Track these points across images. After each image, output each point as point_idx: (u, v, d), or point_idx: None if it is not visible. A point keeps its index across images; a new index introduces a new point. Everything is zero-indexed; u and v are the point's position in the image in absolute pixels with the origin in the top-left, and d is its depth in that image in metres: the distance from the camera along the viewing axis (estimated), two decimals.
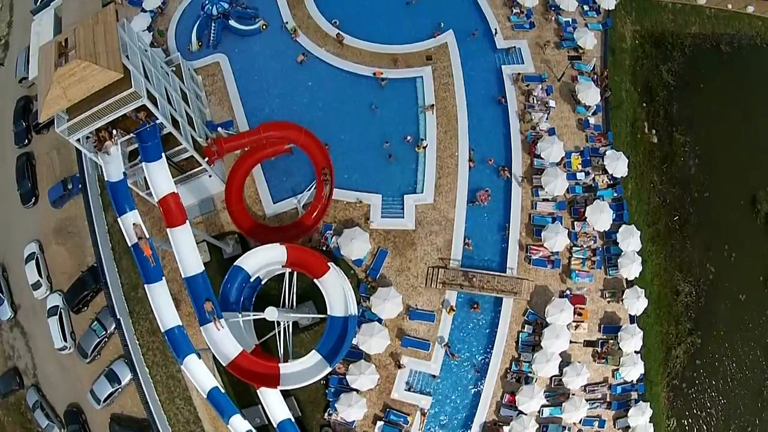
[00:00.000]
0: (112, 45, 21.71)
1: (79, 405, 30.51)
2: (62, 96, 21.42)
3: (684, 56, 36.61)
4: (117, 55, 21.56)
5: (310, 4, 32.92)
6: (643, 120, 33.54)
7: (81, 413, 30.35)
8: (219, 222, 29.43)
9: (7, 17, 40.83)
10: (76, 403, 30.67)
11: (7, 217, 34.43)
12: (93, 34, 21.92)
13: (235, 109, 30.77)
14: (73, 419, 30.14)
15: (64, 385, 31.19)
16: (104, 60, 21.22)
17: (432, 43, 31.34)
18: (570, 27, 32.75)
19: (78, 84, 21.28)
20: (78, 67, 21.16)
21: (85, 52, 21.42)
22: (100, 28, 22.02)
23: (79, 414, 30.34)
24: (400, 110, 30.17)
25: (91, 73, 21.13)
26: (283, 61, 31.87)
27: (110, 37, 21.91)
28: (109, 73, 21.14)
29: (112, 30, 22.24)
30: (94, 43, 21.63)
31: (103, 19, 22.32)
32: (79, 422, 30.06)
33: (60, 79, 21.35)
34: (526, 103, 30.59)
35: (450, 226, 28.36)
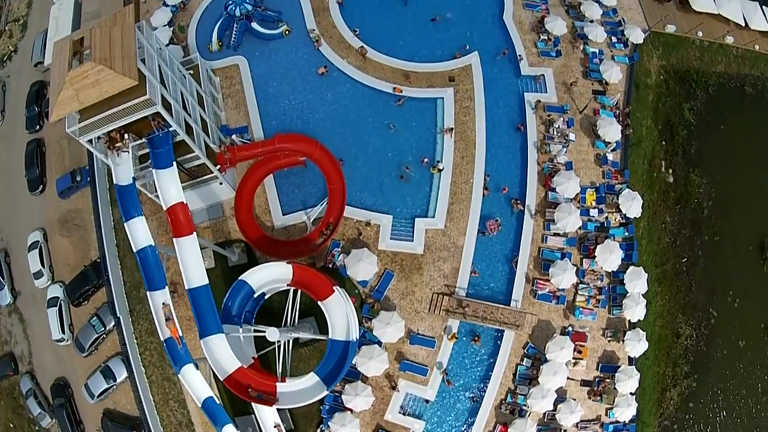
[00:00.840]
0: (129, 50, 20.80)
1: (66, 379, 30.08)
2: (74, 98, 20.63)
3: (707, 95, 35.68)
4: (133, 61, 20.69)
5: (335, 12, 31.93)
6: (660, 158, 32.73)
7: (68, 387, 30.00)
8: (226, 228, 28.76)
9: None
10: (63, 377, 30.28)
11: (14, 201, 33.75)
12: (110, 36, 21.01)
13: (251, 114, 29.94)
14: (59, 392, 29.87)
15: (60, 375, 30.75)
16: (119, 65, 20.37)
17: (456, 64, 30.45)
18: (596, 58, 31.80)
19: (91, 87, 20.50)
20: (92, 70, 20.36)
21: (100, 54, 20.57)
22: (117, 30, 21.09)
23: (65, 387, 30.02)
24: (419, 130, 29.38)
25: (105, 78, 20.34)
26: (303, 69, 30.98)
27: (127, 41, 20.99)
28: (123, 80, 20.34)
29: (130, 33, 21.30)
30: (110, 46, 20.75)
31: (121, 21, 21.40)
32: (65, 396, 29.71)
33: (73, 81, 20.58)
34: (545, 134, 29.77)
35: (458, 253, 27.74)
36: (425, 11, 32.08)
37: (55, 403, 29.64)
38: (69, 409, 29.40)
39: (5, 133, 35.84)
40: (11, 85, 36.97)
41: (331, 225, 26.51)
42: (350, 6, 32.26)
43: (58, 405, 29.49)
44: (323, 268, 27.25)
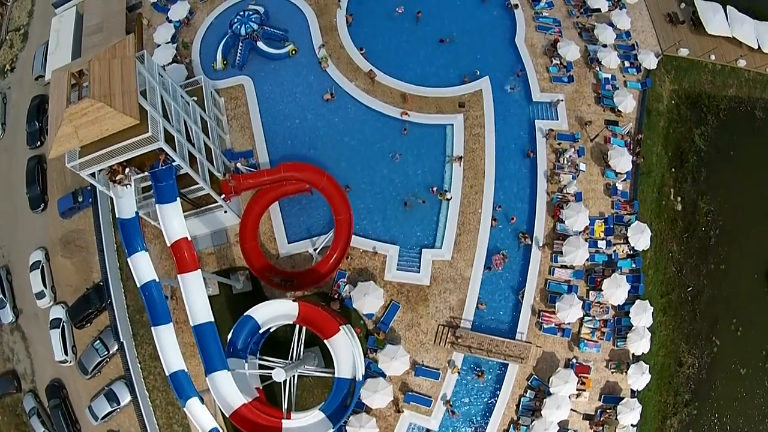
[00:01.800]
0: (129, 85, 19.57)
1: (61, 380, 29.58)
2: (74, 135, 19.53)
3: (718, 120, 34.62)
4: (134, 97, 19.51)
5: (343, 32, 30.63)
6: (670, 186, 31.84)
7: (62, 388, 29.57)
8: (231, 255, 27.94)
9: (28, 5, 38.09)
10: (58, 378, 29.75)
11: (15, 218, 32.78)
12: (109, 70, 19.78)
13: (257, 137, 28.89)
14: (54, 393, 29.42)
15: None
16: (119, 102, 19.20)
17: (466, 89, 29.25)
18: (609, 84, 30.67)
19: (91, 125, 19.41)
20: (91, 107, 19.22)
21: (99, 90, 19.37)
22: (117, 63, 19.84)
23: (60, 389, 29.57)
24: (427, 158, 28.39)
25: (105, 115, 19.19)
26: (310, 91, 29.80)
27: (127, 75, 19.74)
28: (124, 118, 19.24)
29: (130, 67, 20.02)
30: (109, 81, 19.53)
31: (120, 53, 20.10)
32: (60, 397, 29.30)
33: (72, 117, 19.46)
34: (555, 163, 28.79)
35: (465, 285, 27.01)
36: (435, 32, 30.81)
37: (51, 404, 29.17)
38: (64, 409, 28.98)
39: (6, 146, 34.66)
40: (12, 96, 35.67)
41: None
42: (358, 25, 30.99)
43: (54, 406, 29.04)
44: (328, 299, 26.72)
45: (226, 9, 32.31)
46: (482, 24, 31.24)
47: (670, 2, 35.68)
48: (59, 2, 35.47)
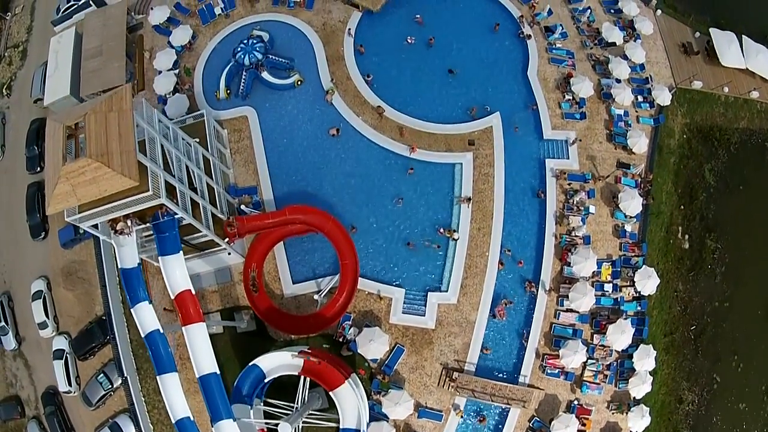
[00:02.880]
0: (128, 143, 18.36)
1: (56, 387, 29.02)
2: (71, 193, 18.46)
3: (729, 154, 33.40)
4: (132, 157, 18.33)
5: (351, 62, 29.11)
6: (678, 224, 30.87)
7: (57, 395, 29.11)
8: (235, 294, 27.04)
9: (27, 21, 36.22)
10: (53, 385, 29.25)
11: (16, 244, 31.71)
12: (106, 125, 18.51)
13: (261, 173, 27.65)
14: (49, 401, 29.04)
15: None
16: (118, 163, 18.05)
17: (476, 126, 27.96)
18: (621, 121, 29.44)
19: (89, 185, 18.33)
20: (88, 166, 18.09)
21: (96, 149, 18.16)
22: (114, 117, 18.54)
23: (55, 395, 29.13)
24: (435, 197, 27.27)
25: (103, 176, 18.09)
26: (316, 124, 28.44)
27: (125, 132, 18.48)
28: (123, 180, 18.14)
29: (128, 122, 18.70)
30: (106, 138, 18.31)
31: (117, 105, 18.77)
32: (55, 404, 28.94)
33: (68, 176, 18.32)
34: (565, 203, 27.76)
35: (470, 329, 26.25)
36: (445, 62, 29.32)
37: (46, 411, 28.77)
38: (60, 416, 28.64)
39: (6, 168, 33.35)
40: (11, 117, 34.19)
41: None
42: (366, 54, 29.47)
43: (49, 413, 28.64)
44: (333, 342, 26.02)
45: (230, 34, 30.71)
46: (494, 54, 29.79)
47: (685, 32, 34.20)
48: (58, 20, 33.73)
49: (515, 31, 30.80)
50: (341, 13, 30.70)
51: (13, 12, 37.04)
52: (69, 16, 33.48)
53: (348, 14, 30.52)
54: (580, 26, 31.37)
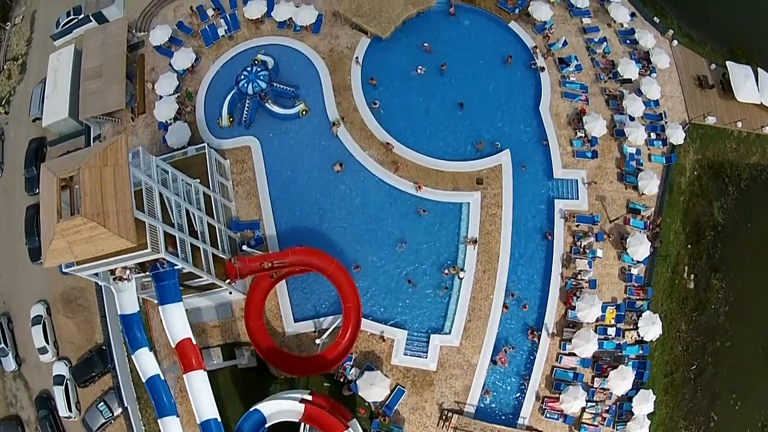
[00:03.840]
0: (124, 202, 17.23)
1: (49, 392, 28.61)
2: (68, 250, 17.43)
3: (739, 191, 32.22)
4: (129, 217, 17.24)
5: (358, 93, 27.66)
6: (684, 264, 29.87)
7: (50, 399, 28.59)
8: (236, 329, 26.21)
9: (27, 33, 34.52)
10: (46, 389, 28.78)
11: (16, 265, 30.68)
12: (101, 181, 17.34)
13: (263, 207, 26.52)
14: (42, 404, 28.59)
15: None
16: (114, 224, 16.98)
17: (485, 164, 26.72)
18: (633, 160, 28.17)
19: (85, 243, 17.29)
20: (84, 225, 17.03)
21: (91, 207, 17.04)
22: (109, 172, 17.36)
23: (48, 400, 28.64)
24: (441, 237, 26.19)
25: (100, 236, 17.04)
26: (320, 157, 27.17)
27: (121, 189, 17.35)
28: (120, 240, 17.06)
29: (124, 177, 17.54)
30: (102, 195, 17.17)
31: (113, 159, 17.56)
32: (48, 408, 28.44)
33: (64, 233, 17.26)
34: (572, 246, 26.74)
35: (472, 371, 25.51)
36: (455, 94, 27.89)
37: (39, 415, 28.28)
38: (52, 421, 28.17)
39: (5, 187, 32.16)
40: (10, 134, 32.84)
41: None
42: (378, 86, 28.03)
43: (42, 417, 28.16)
44: (334, 382, 25.36)
45: (234, 57, 29.23)
46: (505, 87, 28.35)
47: (700, 63, 32.58)
48: (57, 35, 32.13)
49: (528, 61, 29.29)
50: (349, 39, 29.15)
51: (12, 22, 35.34)
52: (69, 30, 31.92)
53: (356, 40, 28.97)
54: (595, 58, 29.82)
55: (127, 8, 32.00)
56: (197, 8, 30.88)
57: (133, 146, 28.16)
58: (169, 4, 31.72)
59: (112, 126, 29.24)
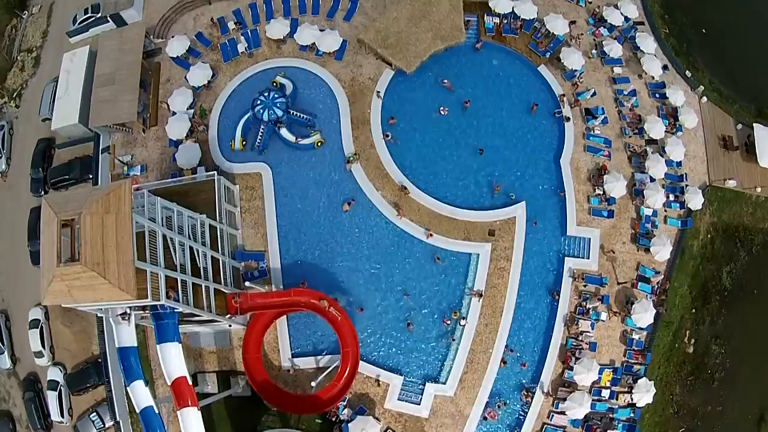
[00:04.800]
0: (125, 254, 16.32)
1: (37, 374, 28.39)
2: (67, 293, 16.60)
3: (749, 256, 31.10)
4: (130, 269, 16.34)
5: (376, 129, 26.28)
6: (686, 329, 28.99)
7: (38, 382, 28.40)
8: (232, 358, 25.55)
9: (43, 24, 32.77)
10: (34, 372, 28.57)
11: (16, 265, 29.74)
12: (102, 229, 16.36)
13: (269, 238, 25.49)
14: (29, 387, 28.43)
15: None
16: (114, 275, 16.12)
17: (499, 215, 25.57)
18: (649, 222, 27.08)
19: (85, 290, 16.46)
20: (84, 273, 16.15)
21: (92, 256, 16.16)
22: (111, 220, 16.37)
23: (36, 382, 28.44)
24: (447, 286, 25.27)
25: (100, 285, 16.20)
26: (332, 192, 25.98)
27: (123, 240, 16.37)
28: (119, 293, 16.21)
29: (126, 228, 16.52)
30: (102, 245, 16.23)
31: (115, 207, 16.54)
32: (35, 390, 28.24)
33: (63, 277, 16.41)
34: (577, 306, 25.88)
35: (463, 422, 24.87)
36: (475, 139, 26.60)
37: (26, 397, 28.10)
38: (38, 402, 27.96)
39: (10, 184, 31.07)
40: (19, 129, 31.53)
41: None
42: (398, 124, 26.64)
43: (28, 399, 27.96)
44: (326, 420, 24.84)
45: (252, 76, 27.77)
46: (527, 136, 27.01)
47: (727, 123, 31.13)
48: (74, 32, 30.51)
49: (553, 109, 27.90)
50: (372, 70, 27.66)
51: (30, 11, 33.57)
52: (85, 29, 30.30)
53: (379, 71, 27.48)
54: (623, 111, 28.41)
55: (147, 10, 30.39)
56: (218, 20, 29.31)
57: (142, 161, 27.87)
58: (190, 11, 30.06)
59: (122, 135, 28.04)
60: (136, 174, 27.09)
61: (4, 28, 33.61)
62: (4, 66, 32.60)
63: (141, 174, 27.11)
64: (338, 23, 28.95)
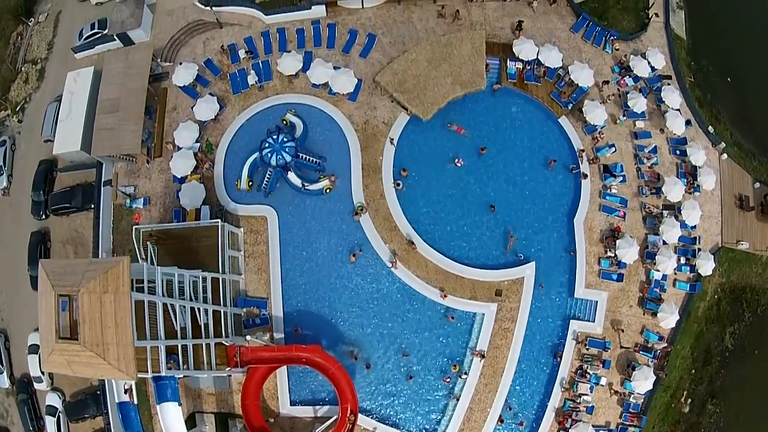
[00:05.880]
0: (125, 335, 15.44)
1: (30, 376, 27.74)
2: (66, 366, 16.05)
3: (754, 316, 30.08)
4: (129, 351, 15.47)
5: (387, 178, 24.80)
6: (684, 389, 28.34)
7: (31, 384, 28.03)
8: (231, 402, 24.78)
9: (49, 35, 30.81)
10: (27, 373, 28.04)
11: (17, 286, 28.83)
12: (101, 309, 15.54)
13: (272, 285, 24.45)
14: (22, 389, 28.25)
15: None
16: (114, 357, 15.33)
17: (508, 275, 24.41)
18: (658, 287, 25.99)
19: (84, 366, 15.73)
20: (83, 352, 15.39)
21: (90, 337, 15.45)
22: (109, 301, 15.48)
23: (29, 384, 28.12)
24: (450, 342, 24.39)
25: (99, 364, 15.42)
26: (338, 242, 24.77)
27: (122, 321, 15.47)
28: (119, 373, 15.40)
29: (125, 309, 15.61)
30: (101, 326, 15.45)
31: (113, 286, 15.59)
32: (28, 392, 28.09)
33: (63, 352, 15.71)
34: (578, 370, 25.10)
35: None
36: (487, 195, 25.16)
37: (18, 399, 27.92)
38: (30, 404, 27.88)
39: (11, 202, 29.80)
40: (21, 145, 30.03)
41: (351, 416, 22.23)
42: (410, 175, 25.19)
43: (21, 401, 27.82)
44: None
45: (262, 111, 26.13)
46: (542, 192, 25.54)
47: (745, 181, 29.50)
48: (79, 48, 28.73)
49: (570, 164, 26.34)
50: (387, 113, 26.01)
51: (36, 19, 31.55)
52: (91, 45, 28.55)
53: (394, 116, 25.83)
54: (642, 168, 26.89)
55: (155, 30, 28.44)
56: (229, 46, 27.45)
57: (146, 193, 26.51)
58: (200, 34, 28.16)
59: (125, 164, 26.65)
60: (138, 207, 25.85)
61: (9, 35, 31.67)
62: (8, 76, 30.83)
63: (144, 207, 25.87)
64: (354, 59, 27.15)
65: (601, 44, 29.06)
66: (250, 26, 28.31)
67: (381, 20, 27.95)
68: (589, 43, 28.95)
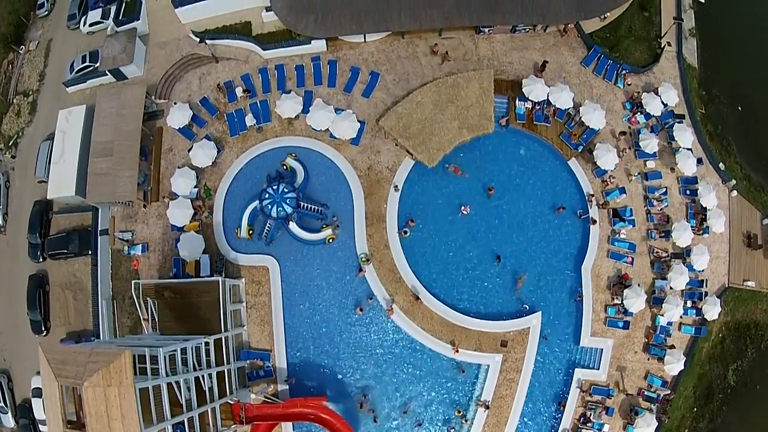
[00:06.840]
0: (132, 426, 14.79)
1: (30, 401, 27.43)
2: None
3: (757, 353, 29.49)
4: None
5: (392, 227, 23.67)
6: (686, 427, 28.07)
7: (31, 410, 27.54)
8: None
9: (40, 65, 29.06)
10: (28, 398, 27.73)
11: (17, 328, 27.85)
12: (106, 402, 14.90)
13: (276, 337, 23.59)
14: (23, 414, 27.90)
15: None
16: None
17: (514, 325, 23.59)
18: (663, 333, 25.28)
19: None
20: None
21: (98, 430, 14.77)
22: (113, 393, 14.78)
23: (30, 410, 27.67)
24: (454, 395, 23.73)
25: None
26: (342, 294, 23.82)
27: (127, 412, 14.92)
28: None
29: (130, 400, 14.90)
30: (108, 418, 14.82)
31: (116, 380, 14.88)
32: (29, 418, 27.71)
33: None
34: (581, 416, 24.54)
35: None
36: (495, 245, 24.09)
37: (20, 423, 27.66)
38: (32, 430, 27.72)
39: (8, 241, 28.50)
40: (15, 182, 28.56)
41: None
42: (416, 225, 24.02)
43: (23, 426, 27.60)
44: None
45: (261, 154, 24.75)
46: (549, 241, 24.47)
47: (754, 219, 28.42)
48: (70, 82, 27.14)
49: (578, 207, 25.24)
50: (391, 158, 24.67)
51: (27, 47, 29.70)
52: (83, 79, 26.91)
53: (398, 161, 24.49)
54: (651, 211, 25.85)
55: (149, 65, 26.72)
56: (225, 84, 25.84)
57: (143, 239, 25.34)
58: (195, 68, 26.48)
59: (122, 209, 25.41)
60: (137, 254, 24.77)
61: (0, 63, 29.78)
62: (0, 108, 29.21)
63: (143, 254, 24.81)
64: (356, 99, 25.60)
65: (613, 78, 27.56)
66: (248, 60, 26.62)
67: (384, 55, 26.31)
68: (601, 77, 27.43)
